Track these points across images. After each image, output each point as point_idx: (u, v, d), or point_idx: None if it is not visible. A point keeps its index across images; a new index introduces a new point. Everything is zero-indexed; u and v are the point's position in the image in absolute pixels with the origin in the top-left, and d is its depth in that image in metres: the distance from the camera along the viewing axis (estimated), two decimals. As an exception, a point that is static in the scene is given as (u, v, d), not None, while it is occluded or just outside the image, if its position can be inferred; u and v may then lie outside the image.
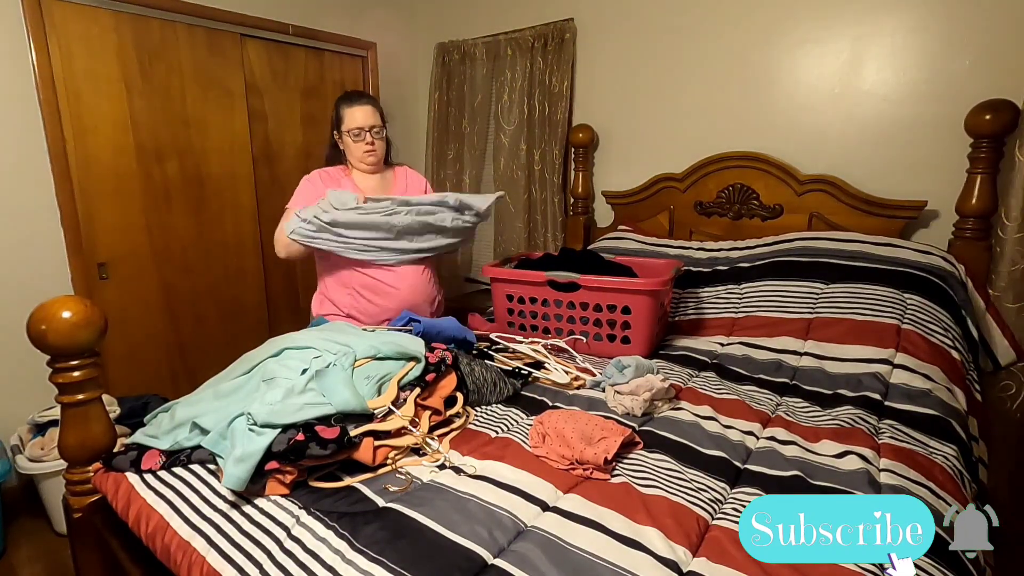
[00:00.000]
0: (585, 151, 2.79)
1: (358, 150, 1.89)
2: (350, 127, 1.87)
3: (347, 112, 1.88)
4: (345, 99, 1.91)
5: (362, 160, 1.91)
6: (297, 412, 1.07)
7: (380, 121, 1.91)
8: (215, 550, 0.92)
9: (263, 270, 2.98)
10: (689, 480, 1.07)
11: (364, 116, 1.87)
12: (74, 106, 2.29)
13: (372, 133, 1.88)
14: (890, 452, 1.15)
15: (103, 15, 2.33)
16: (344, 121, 1.89)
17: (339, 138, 1.94)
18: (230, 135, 2.77)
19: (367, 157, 1.91)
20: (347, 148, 1.93)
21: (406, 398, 1.23)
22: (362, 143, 1.88)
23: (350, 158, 1.95)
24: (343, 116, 1.89)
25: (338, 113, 1.90)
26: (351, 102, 1.89)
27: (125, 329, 2.50)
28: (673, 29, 2.49)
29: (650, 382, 1.36)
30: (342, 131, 1.90)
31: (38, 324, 1.12)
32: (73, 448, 1.22)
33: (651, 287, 1.66)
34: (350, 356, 1.25)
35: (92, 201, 2.38)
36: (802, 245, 2.01)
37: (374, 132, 1.89)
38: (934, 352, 1.55)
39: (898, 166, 2.03)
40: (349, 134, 1.88)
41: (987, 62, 1.83)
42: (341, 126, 1.90)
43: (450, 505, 0.98)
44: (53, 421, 2.07)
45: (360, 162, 1.92)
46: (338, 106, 1.91)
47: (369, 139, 1.88)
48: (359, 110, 1.87)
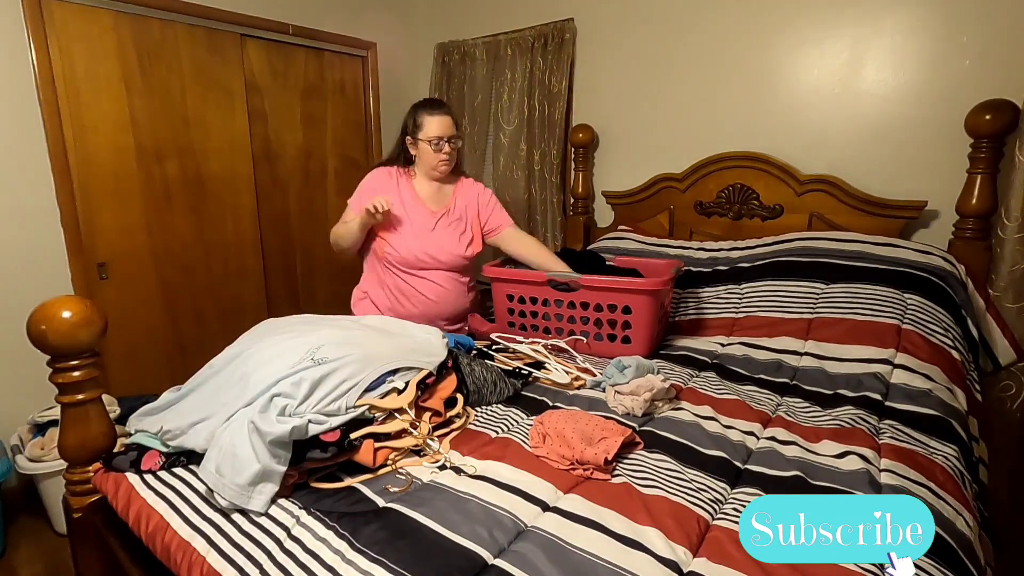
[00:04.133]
0: (585, 151, 2.78)
1: (434, 159, 1.90)
2: (430, 136, 1.87)
3: (428, 120, 1.88)
4: (425, 106, 1.91)
5: (435, 168, 1.92)
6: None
7: (456, 131, 1.92)
8: (215, 550, 0.92)
9: (263, 270, 2.98)
10: (689, 480, 1.06)
11: (444, 126, 1.88)
12: (74, 106, 2.29)
13: (450, 143, 1.90)
14: (890, 452, 1.14)
15: (103, 15, 2.33)
16: (423, 128, 1.88)
17: (412, 144, 1.94)
18: (230, 135, 2.77)
19: (441, 166, 1.92)
20: (421, 155, 1.93)
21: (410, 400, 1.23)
22: (440, 152, 1.89)
23: (421, 164, 1.95)
24: (422, 123, 1.89)
25: (416, 119, 1.90)
26: (432, 110, 1.89)
27: (125, 329, 2.50)
28: (673, 29, 2.49)
29: (650, 382, 1.36)
30: (418, 138, 1.90)
31: (38, 324, 1.12)
32: (73, 448, 1.22)
33: (651, 287, 1.66)
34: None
35: (92, 201, 2.38)
36: (802, 245, 2.01)
37: (452, 142, 1.90)
38: (934, 352, 1.55)
39: (898, 166, 2.03)
40: (429, 142, 1.88)
41: (987, 62, 1.83)
42: (418, 133, 1.90)
43: (450, 505, 0.97)
44: (53, 421, 2.07)
45: (433, 170, 1.93)
46: (417, 112, 1.91)
47: (448, 149, 1.89)
48: (440, 120, 1.88)
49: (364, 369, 1.21)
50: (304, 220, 3.13)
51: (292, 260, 3.13)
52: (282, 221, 3.04)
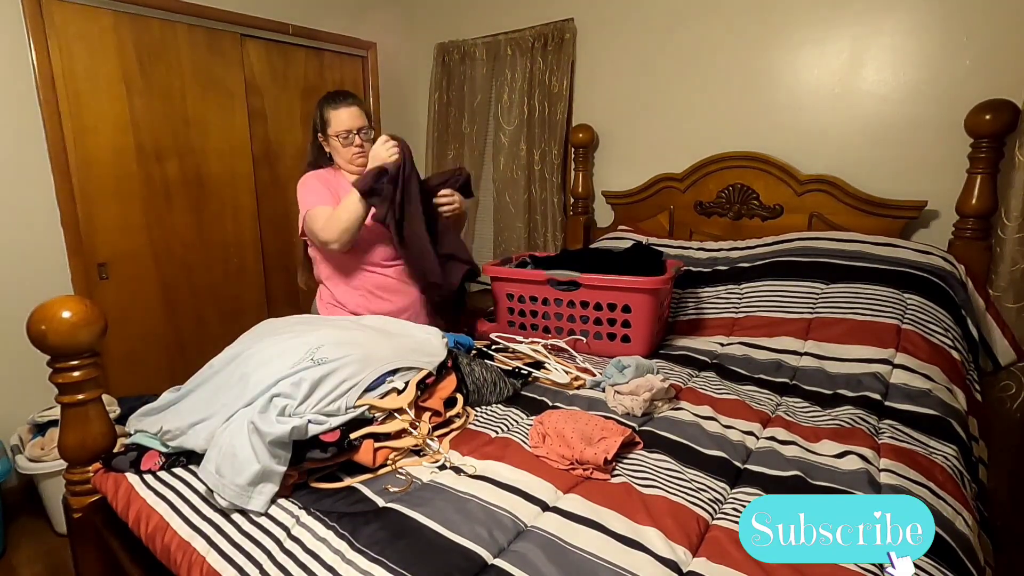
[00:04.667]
0: (585, 151, 2.79)
1: (347, 153, 1.82)
2: (337, 130, 1.79)
3: (332, 114, 1.79)
4: (328, 101, 1.82)
5: (351, 162, 1.84)
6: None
7: (367, 121, 1.83)
8: (215, 550, 0.92)
9: (263, 270, 2.98)
10: (689, 480, 1.07)
11: (351, 118, 1.79)
12: (74, 106, 2.29)
13: (361, 135, 1.81)
14: (890, 452, 1.15)
15: (103, 15, 2.33)
16: (330, 124, 1.80)
17: (324, 140, 1.85)
18: (230, 135, 2.77)
19: (356, 159, 1.83)
20: (334, 151, 1.84)
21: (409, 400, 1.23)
22: (351, 146, 1.81)
23: (338, 160, 1.85)
24: (328, 119, 1.80)
25: (322, 115, 1.81)
26: (335, 103, 1.80)
27: (125, 329, 2.50)
28: (673, 29, 2.49)
29: (650, 382, 1.36)
30: (328, 134, 1.81)
31: (38, 324, 1.12)
32: (73, 448, 1.22)
33: (651, 286, 1.66)
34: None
35: (92, 201, 2.38)
36: (802, 245, 2.01)
37: (362, 134, 1.82)
38: (934, 352, 1.55)
39: (898, 166, 2.03)
40: (337, 137, 1.80)
41: (987, 62, 1.83)
42: (327, 129, 1.81)
43: (450, 505, 0.98)
44: (53, 421, 2.07)
45: (350, 164, 1.84)
46: (321, 108, 1.82)
47: (358, 141, 1.81)
48: (344, 112, 1.79)
49: (364, 369, 1.21)
50: (304, 220, 3.12)
51: (292, 260, 3.12)
52: (282, 221, 3.03)
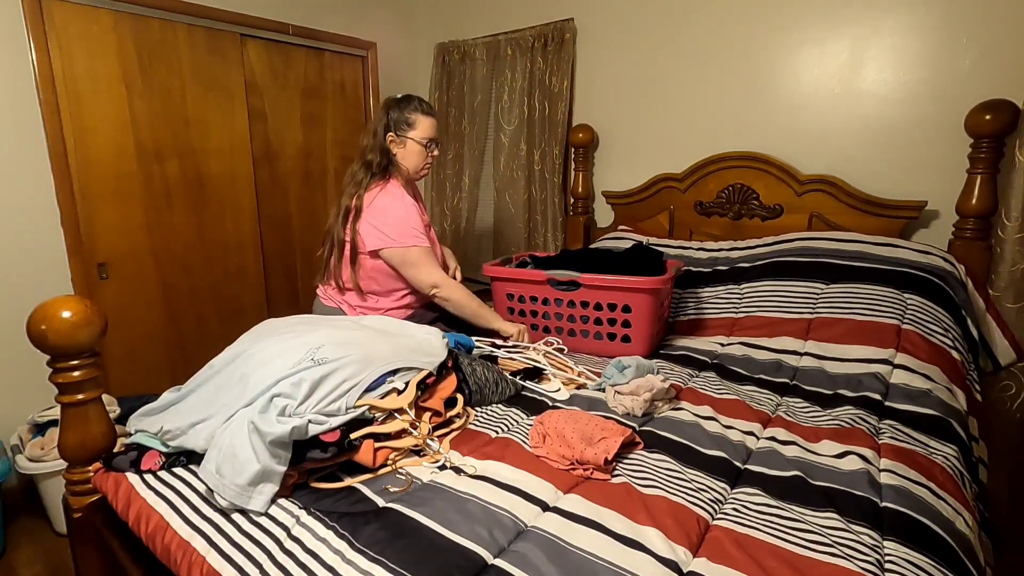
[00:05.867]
0: (585, 151, 2.79)
1: (422, 160, 1.84)
2: (424, 136, 1.80)
3: (423, 120, 1.80)
4: (419, 106, 1.83)
5: (421, 171, 1.87)
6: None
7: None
8: (215, 550, 0.92)
9: (263, 270, 2.98)
10: (689, 480, 1.06)
11: (435, 128, 1.83)
12: (74, 106, 2.29)
13: (439, 147, 1.87)
14: (890, 452, 1.15)
15: (103, 15, 2.33)
16: (416, 127, 1.80)
17: (399, 143, 1.82)
18: (230, 135, 2.77)
19: (426, 169, 1.88)
20: (407, 155, 1.83)
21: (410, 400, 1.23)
22: (430, 156, 1.84)
23: (406, 165, 1.85)
24: (416, 123, 1.80)
25: (407, 117, 1.80)
26: (426, 111, 1.82)
27: (125, 329, 2.50)
28: (673, 29, 2.49)
29: (650, 382, 1.36)
30: (409, 137, 1.80)
31: (38, 324, 1.12)
32: (73, 448, 1.22)
33: (651, 285, 1.66)
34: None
35: (92, 201, 2.38)
36: (802, 245, 2.01)
37: (439, 144, 1.88)
38: (934, 352, 1.55)
39: (898, 166, 2.03)
40: (420, 142, 1.81)
41: (987, 62, 1.83)
42: (409, 131, 1.80)
43: (450, 505, 0.98)
44: (53, 421, 2.07)
45: (418, 172, 1.87)
46: (406, 109, 1.81)
47: (436, 152, 1.86)
48: (432, 120, 1.82)
49: (364, 369, 1.21)
50: (304, 220, 3.13)
51: (292, 260, 3.13)
52: (282, 221, 3.04)
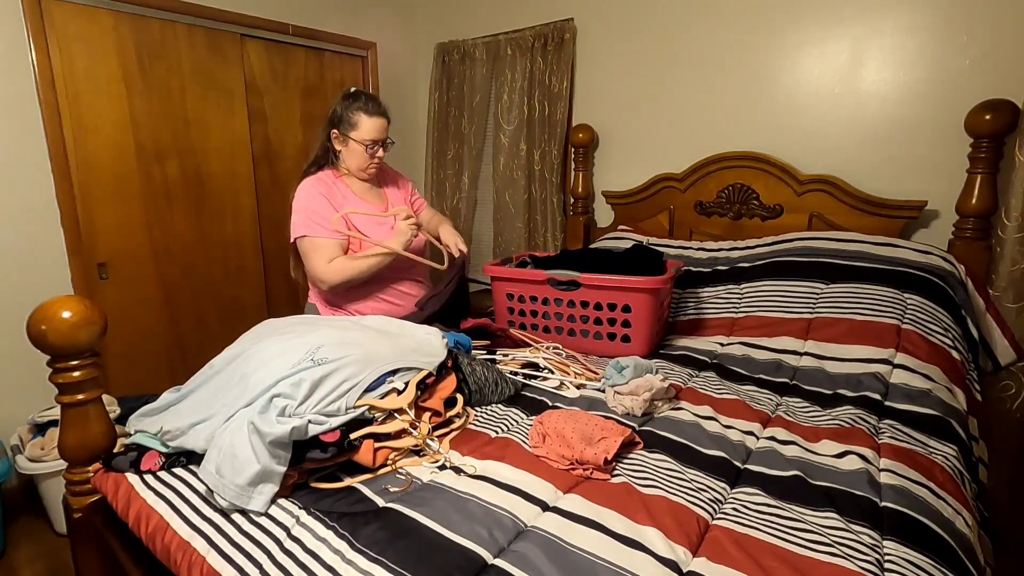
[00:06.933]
0: (585, 151, 2.79)
1: (363, 161, 1.81)
2: (364, 137, 1.77)
3: (363, 120, 1.76)
4: (361, 103, 1.78)
5: (363, 171, 1.84)
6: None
7: (387, 134, 1.83)
8: (215, 550, 0.92)
9: (263, 270, 2.99)
10: (689, 480, 1.07)
11: (379, 130, 1.78)
12: (74, 106, 2.29)
13: (384, 147, 1.82)
14: (890, 452, 1.15)
15: (103, 15, 2.33)
16: (357, 128, 1.77)
17: (341, 140, 1.81)
18: (230, 135, 2.77)
19: (370, 170, 1.84)
20: (349, 153, 1.81)
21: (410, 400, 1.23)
22: (372, 157, 1.81)
23: (348, 163, 1.84)
24: (358, 123, 1.76)
25: (350, 116, 1.77)
26: (369, 110, 1.77)
27: (125, 329, 2.50)
28: (673, 29, 2.49)
29: (650, 382, 1.36)
30: (349, 136, 1.78)
31: (38, 324, 1.12)
32: (73, 448, 1.22)
33: (651, 285, 1.66)
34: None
35: (92, 201, 2.38)
36: (802, 245, 2.01)
37: (386, 146, 1.83)
38: (934, 352, 1.55)
39: (898, 166, 2.03)
40: (361, 143, 1.78)
41: (987, 62, 1.83)
42: (351, 131, 1.78)
43: (450, 505, 0.98)
44: (53, 421, 2.07)
45: (361, 172, 1.84)
46: (349, 107, 1.78)
47: (381, 153, 1.82)
48: (377, 122, 1.77)
49: (364, 369, 1.21)
50: (304, 220, 3.12)
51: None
52: (282, 221, 3.02)
